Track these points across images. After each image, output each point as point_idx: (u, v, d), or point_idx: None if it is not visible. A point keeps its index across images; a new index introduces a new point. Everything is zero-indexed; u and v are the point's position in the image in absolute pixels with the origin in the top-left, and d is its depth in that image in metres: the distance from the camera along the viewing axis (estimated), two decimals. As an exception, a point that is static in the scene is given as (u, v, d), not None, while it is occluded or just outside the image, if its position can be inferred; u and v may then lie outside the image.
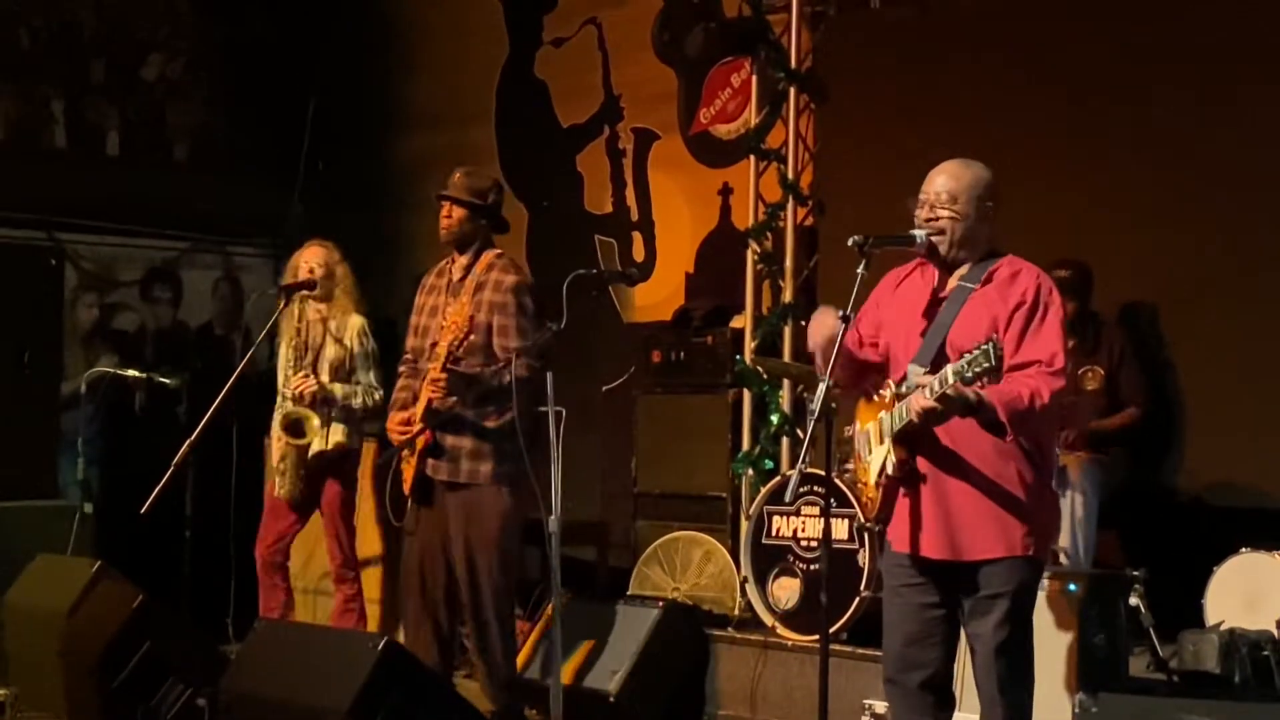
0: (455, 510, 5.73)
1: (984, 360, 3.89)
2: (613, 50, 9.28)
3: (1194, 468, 6.60)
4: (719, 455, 7.69)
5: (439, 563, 5.80)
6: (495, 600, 5.76)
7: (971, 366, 3.92)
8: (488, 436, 5.65)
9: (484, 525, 5.70)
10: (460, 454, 5.69)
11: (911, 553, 4.31)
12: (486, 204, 5.85)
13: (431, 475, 5.73)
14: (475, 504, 5.70)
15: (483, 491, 5.69)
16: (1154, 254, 6.68)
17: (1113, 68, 6.81)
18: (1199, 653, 5.48)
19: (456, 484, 5.70)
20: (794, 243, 7.72)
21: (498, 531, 5.70)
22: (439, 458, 5.71)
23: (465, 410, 5.66)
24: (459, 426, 5.68)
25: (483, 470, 5.68)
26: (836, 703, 5.84)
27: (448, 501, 5.75)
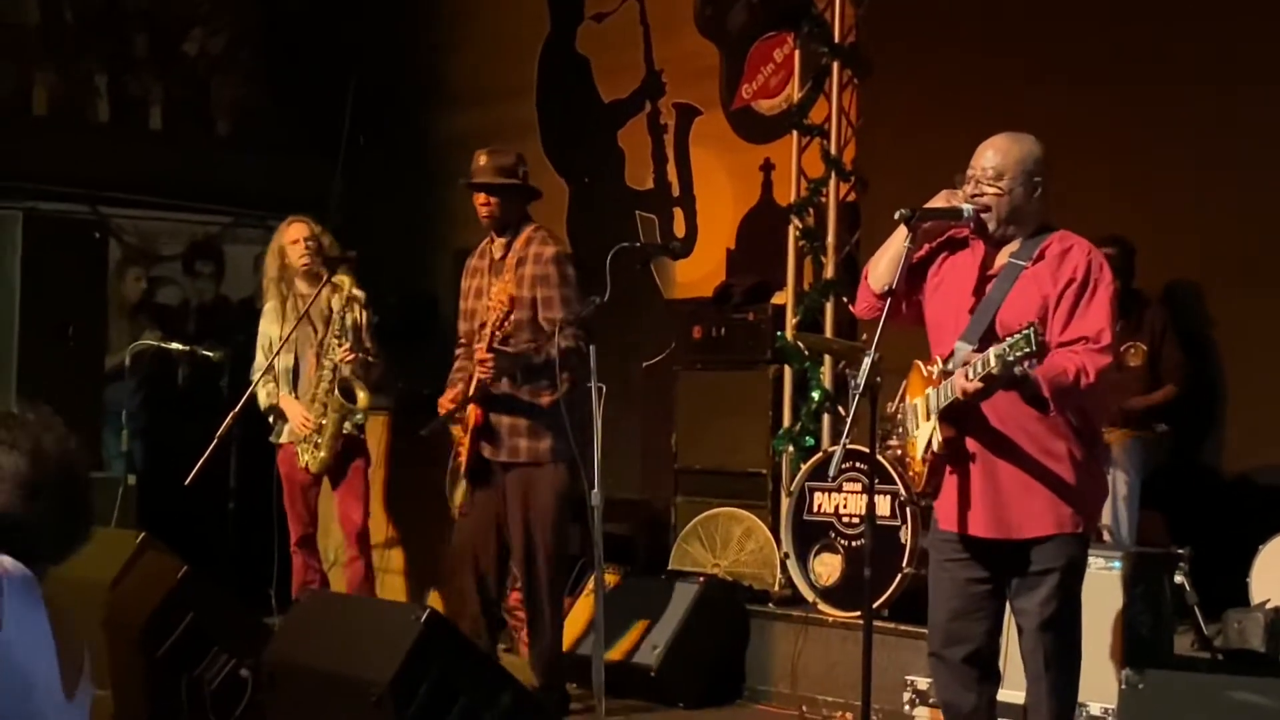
0: (514, 487, 5.75)
1: (1025, 345, 3.87)
2: (654, 25, 9.25)
3: (1239, 446, 6.56)
4: (759, 432, 7.67)
5: (492, 540, 5.83)
6: (549, 576, 5.78)
7: (1013, 350, 3.90)
8: (543, 413, 5.67)
9: (542, 502, 5.73)
10: (518, 432, 5.71)
11: (960, 532, 4.29)
12: (519, 182, 5.85)
13: (490, 458, 5.75)
14: (534, 481, 5.73)
15: (540, 469, 5.71)
16: (1197, 232, 6.64)
17: (1160, 42, 6.75)
18: (1244, 631, 5.45)
19: (516, 463, 5.72)
20: (836, 219, 7.68)
21: (555, 508, 5.74)
22: (494, 438, 5.73)
23: (518, 388, 5.67)
24: (513, 405, 5.70)
25: (541, 447, 5.71)
26: (878, 679, 5.79)
27: (506, 480, 5.77)
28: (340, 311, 6.65)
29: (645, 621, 6.57)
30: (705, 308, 8.09)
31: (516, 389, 5.68)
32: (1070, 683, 4.31)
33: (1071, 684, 4.31)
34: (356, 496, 6.79)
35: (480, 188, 5.83)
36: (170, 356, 8.05)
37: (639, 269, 7.39)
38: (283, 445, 6.78)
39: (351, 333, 6.64)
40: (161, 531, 6.10)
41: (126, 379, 7.78)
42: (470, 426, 5.73)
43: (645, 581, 6.90)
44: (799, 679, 6.49)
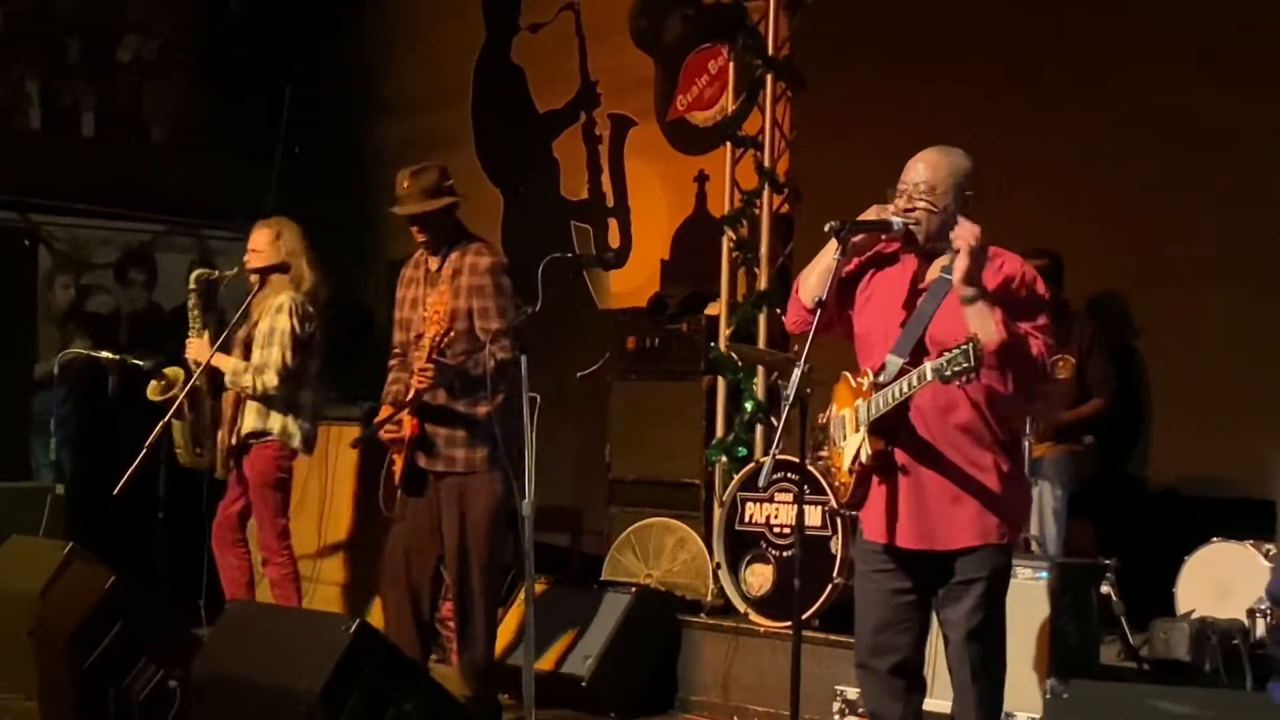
0: (450, 497, 5.74)
1: (963, 360, 3.89)
2: (590, 36, 9.27)
3: (1166, 457, 6.64)
4: (693, 442, 7.69)
5: (427, 550, 5.81)
6: (483, 586, 5.78)
7: (951, 365, 3.92)
8: (479, 423, 5.66)
9: (477, 511, 5.72)
10: (455, 442, 5.70)
11: (887, 543, 4.32)
12: (448, 202, 5.84)
13: (427, 468, 5.74)
14: (470, 490, 5.72)
15: (476, 478, 5.71)
16: (1123, 244, 6.72)
17: (1087, 58, 6.83)
18: (1170, 641, 5.51)
19: (452, 472, 5.71)
20: (769, 230, 7.72)
21: (490, 517, 5.73)
22: (431, 449, 5.72)
23: (455, 399, 5.67)
24: (450, 416, 5.70)
25: (478, 457, 5.70)
26: (810, 688, 5.87)
27: (441, 489, 5.76)
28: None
29: (574, 631, 6.57)
30: (639, 318, 8.11)
31: (453, 400, 5.67)
32: (996, 692, 4.34)
33: (997, 693, 4.34)
34: (256, 507, 6.73)
35: (411, 220, 5.83)
36: (100, 365, 7.98)
37: (571, 278, 7.39)
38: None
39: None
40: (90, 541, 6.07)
41: (55, 387, 7.72)
42: (407, 437, 5.72)
43: (577, 591, 6.90)
44: (730, 689, 6.52)
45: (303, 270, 6.70)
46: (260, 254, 6.72)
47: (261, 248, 6.72)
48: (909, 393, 4.13)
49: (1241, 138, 6.38)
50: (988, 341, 4.00)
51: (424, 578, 5.82)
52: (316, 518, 7.72)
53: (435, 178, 5.86)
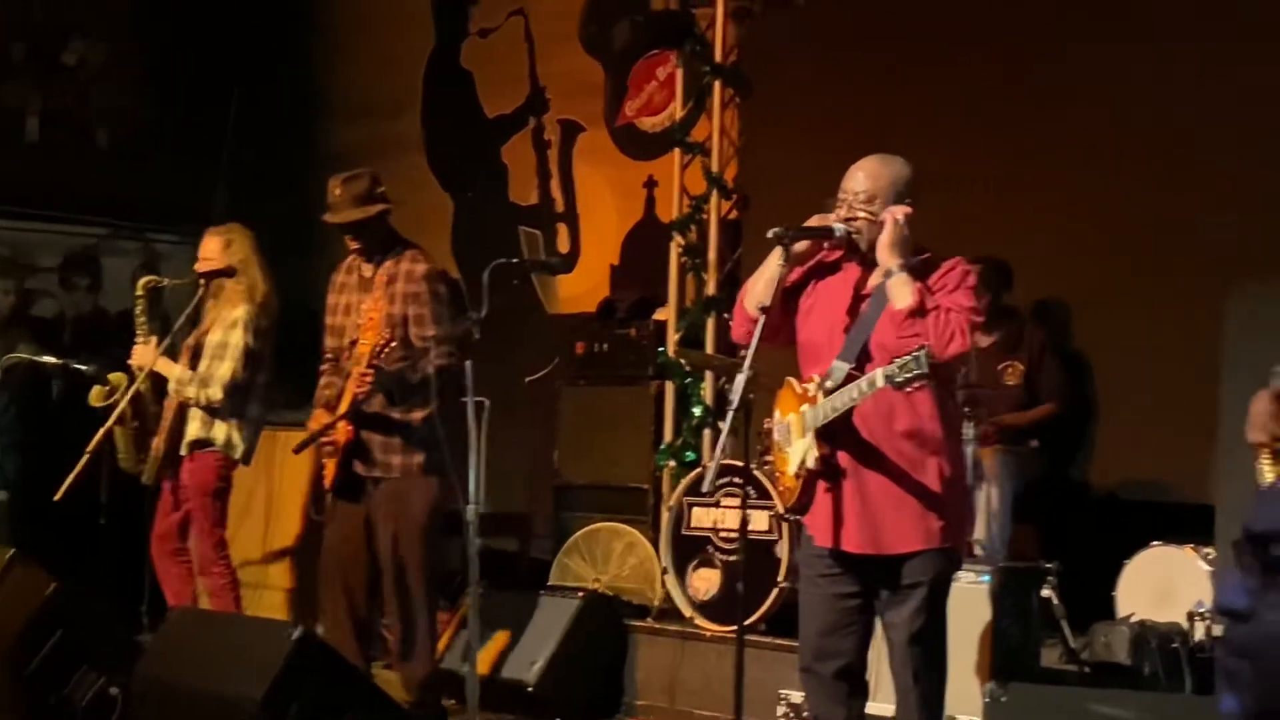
0: (383, 502, 5.72)
1: (914, 366, 3.93)
2: (539, 42, 9.28)
3: (1107, 462, 6.71)
4: (642, 447, 7.70)
5: (361, 554, 5.79)
6: (421, 591, 5.77)
7: (903, 371, 3.95)
8: (415, 429, 5.65)
9: (413, 516, 5.70)
10: (392, 449, 5.69)
11: (832, 547, 4.34)
12: (380, 209, 5.82)
13: (364, 474, 5.73)
14: (404, 495, 5.70)
15: (412, 483, 5.69)
16: (1068, 253, 6.77)
17: (1031, 68, 6.90)
18: (1110, 644, 5.54)
19: (388, 478, 5.70)
20: (718, 236, 7.74)
21: (426, 522, 5.72)
22: (367, 456, 5.70)
23: (391, 406, 5.66)
24: (385, 423, 5.68)
25: (414, 463, 5.68)
26: (754, 692, 5.86)
27: (375, 494, 5.74)
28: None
29: (521, 636, 6.56)
30: (588, 323, 8.12)
31: (389, 406, 5.66)
32: (938, 695, 4.36)
33: (939, 696, 4.37)
34: (195, 516, 6.68)
35: (344, 228, 5.81)
36: (44, 370, 7.91)
37: (517, 284, 7.40)
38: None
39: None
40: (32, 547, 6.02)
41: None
42: (342, 444, 5.70)
43: (524, 596, 6.89)
44: (677, 693, 6.52)
45: (255, 279, 6.65)
46: (211, 260, 6.68)
47: (212, 254, 6.68)
48: (859, 399, 4.16)
49: (1186, 147, 6.44)
50: (901, 306, 4.09)
51: (358, 583, 5.80)
52: (262, 523, 7.69)
53: (366, 185, 5.83)
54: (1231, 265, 6.13)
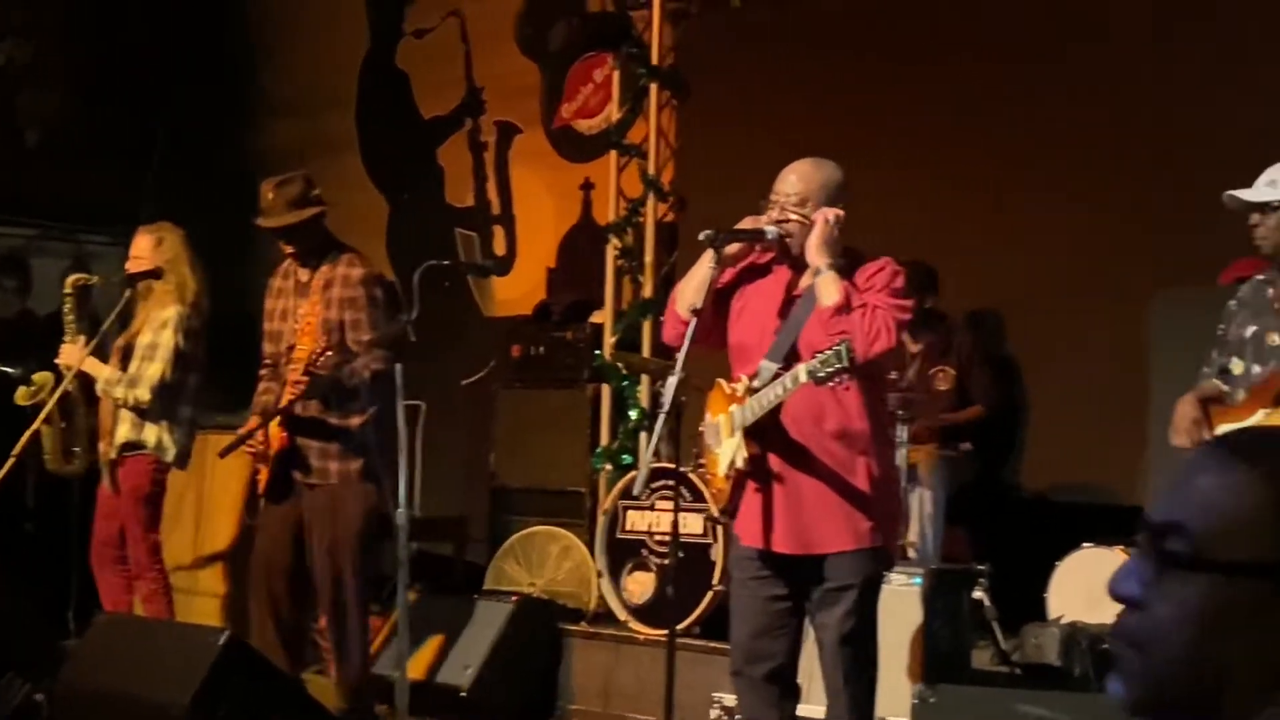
0: (318, 508, 5.68)
1: (836, 360, 3.94)
2: (475, 42, 9.25)
3: (1039, 465, 6.75)
4: (578, 450, 7.69)
5: (288, 560, 5.74)
6: (355, 597, 5.72)
7: (824, 366, 3.96)
8: (353, 434, 5.61)
9: (348, 523, 5.66)
10: (329, 455, 5.64)
11: (762, 548, 4.34)
12: (310, 212, 5.76)
13: (300, 481, 5.68)
14: (340, 501, 5.66)
15: (349, 489, 5.64)
16: (997, 260, 6.82)
17: (964, 75, 6.94)
18: (1041, 646, 5.57)
19: (323, 484, 5.66)
20: (654, 238, 7.74)
21: (361, 528, 5.67)
22: (304, 463, 5.65)
23: (328, 411, 5.62)
24: (322, 428, 5.64)
25: (352, 468, 5.64)
26: (688, 696, 5.88)
27: (309, 498, 5.70)
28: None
29: (455, 641, 6.53)
30: (525, 326, 8.10)
31: (325, 412, 5.62)
32: (868, 696, 4.38)
33: (869, 698, 4.38)
34: (128, 521, 6.61)
35: (277, 233, 5.76)
36: (-30, 373, 7.80)
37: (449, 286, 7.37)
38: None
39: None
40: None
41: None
42: (275, 450, 5.65)
43: (459, 601, 6.86)
44: (611, 697, 6.51)
45: (186, 279, 6.58)
46: (141, 260, 6.60)
47: (143, 254, 6.61)
48: (784, 396, 4.17)
49: (1113, 155, 6.50)
50: (828, 303, 4.11)
51: (286, 587, 5.75)
52: (192, 528, 7.61)
53: (300, 188, 5.76)
54: (1157, 272, 6.20)
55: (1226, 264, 5.68)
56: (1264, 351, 4.45)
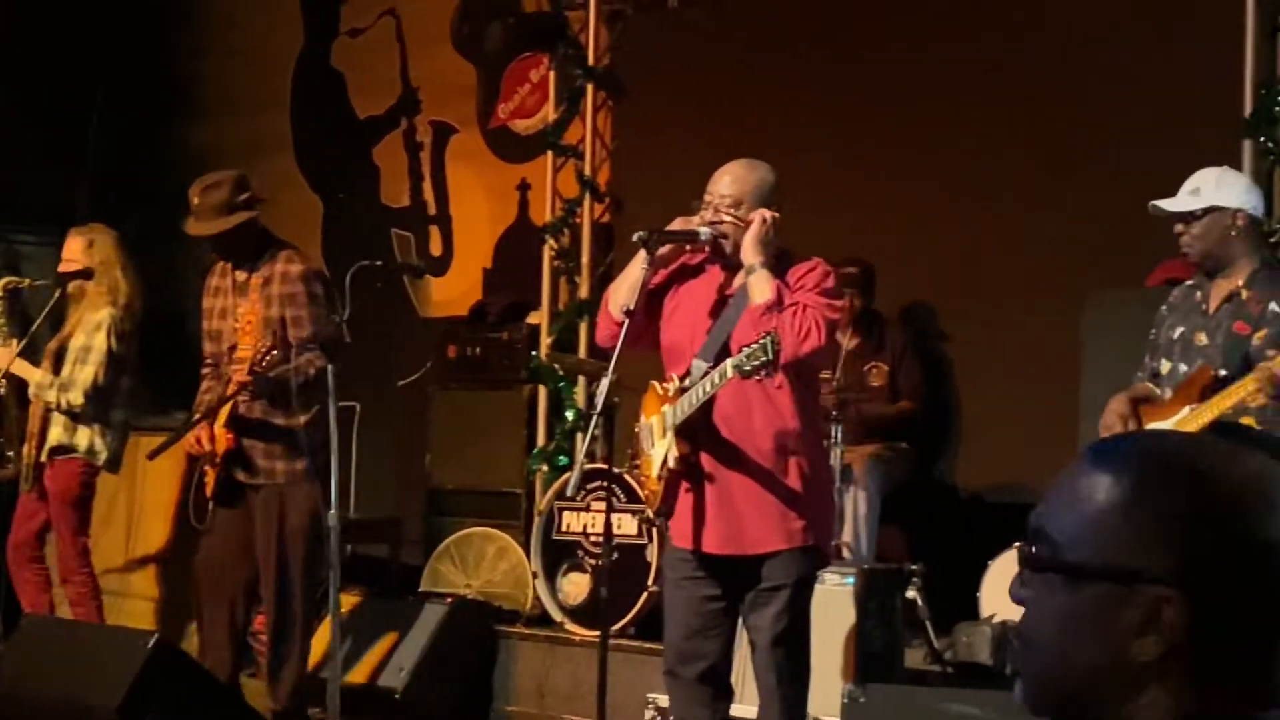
0: (267, 508, 5.64)
1: (762, 354, 3.96)
2: (411, 42, 9.21)
3: (973, 465, 6.80)
4: (514, 451, 7.68)
5: (240, 562, 5.70)
6: (300, 599, 5.69)
7: (750, 360, 3.98)
8: (298, 434, 5.57)
9: (296, 523, 5.63)
10: (274, 455, 5.61)
11: (694, 548, 4.35)
12: (240, 218, 5.69)
13: (246, 482, 5.64)
14: (289, 501, 5.62)
15: (295, 488, 5.61)
16: (931, 258, 6.86)
17: (899, 76, 6.98)
18: (972, 645, 5.61)
19: (270, 484, 5.62)
20: (590, 239, 7.75)
21: (307, 528, 5.63)
22: (249, 462, 5.61)
23: (272, 411, 5.58)
24: (268, 429, 5.60)
25: (297, 468, 5.60)
26: (623, 697, 5.88)
27: (256, 500, 5.65)
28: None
29: (390, 643, 6.50)
30: (460, 327, 8.08)
31: (270, 412, 5.57)
32: (801, 696, 4.39)
33: (802, 698, 4.40)
34: (57, 524, 6.54)
35: (205, 240, 5.71)
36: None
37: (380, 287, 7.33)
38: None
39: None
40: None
41: None
42: (222, 451, 5.60)
43: (393, 603, 6.83)
44: (546, 698, 6.50)
45: (118, 281, 6.52)
46: (73, 261, 6.55)
47: (74, 255, 6.56)
48: (712, 392, 4.19)
49: (1047, 155, 6.55)
50: (759, 301, 4.14)
51: (240, 590, 5.72)
52: (124, 531, 7.54)
53: (227, 193, 5.68)
54: (1088, 272, 6.26)
55: (1155, 265, 5.75)
56: (1191, 351, 4.51)
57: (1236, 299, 4.45)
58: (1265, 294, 4.41)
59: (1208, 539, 1.38)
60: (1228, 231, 4.44)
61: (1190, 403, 4.36)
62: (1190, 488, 1.41)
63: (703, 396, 4.22)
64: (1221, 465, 1.41)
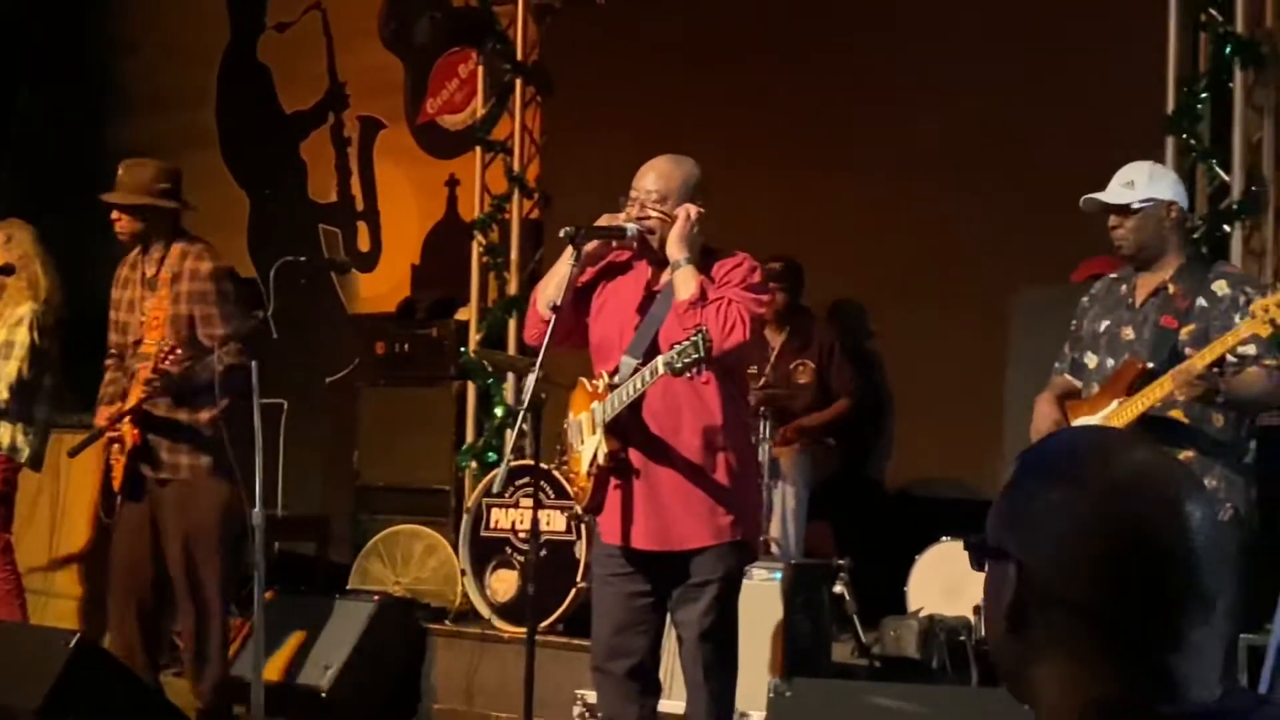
0: (172, 505, 5.59)
1: (693, 351, 3.96)
2: (338, 37, 9.15)
3: (900, 460, 6.84)
4: (443, 448, 7.66)
5: (148, 559, 5.65)
6: (213, 596, 5.64)
7: (681, 357, 3.98)
8: (203, 430, 5.52)
9: (202, 518, 5.57)
10: (179, 451, 5.55)
11: (622, 545, 4.35)
12: (154, 198, 5.67)
13: (150, 476, 5.58)
14: (193, 497, 5.57)
15: (201, 485, 5.55)
16: (861, 254, 6.90)
17: (829, 73, 7.01)
18: (900, 638, 5.64)
19: (176, 479, 5.56)
20: (519, 235, 7.74)
21: (218, 525, 5.58)
22: (154, 458, 5.56)
23: (177, 408, 5.53)
24: (172, 425, 5.54)
25: (202, 464, 5.55)
26: (552, 694, 5.87)
27: (163, 496, 5.60)
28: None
29: (316, 641, 6.45)
30: (389, 323, 8.05)
31: (175, 409, 5.52)
32: (728, 691, 4.39)
33: (729, 693, 4.40)
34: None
35: (113, 206, 5.66)
36: None
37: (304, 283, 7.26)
38: None
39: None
40: None
41: None
42: (127, 447, 5.55)
43: (320, 601, 6.78)
44: (474, 696, 6.48)
45: (38, 276, 6.45)
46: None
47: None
48: (642, 389, 4.19)
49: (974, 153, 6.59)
50: (684, 296, 4.15)
51: (146, 587, 5.66)
52: (47, 528, 7.44)
53: (152, 174, 5.69)
54: (1015, 269, 6.31)
55: (1080, 262, 5.80)
56: (1117, 346, 4.54)
57: (1164, 293, 4.49)
58: (1192, 289, 4.45)
59: (1065, 526, 1.43)
60: (1162, 225, 4.48)
61: (1118, 396, 4.40)
62: (1055, 477, 1.46)
63: (633, 394, 4.22)
64: (1100, 458, 1.46)
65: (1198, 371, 4.21)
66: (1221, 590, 1.41)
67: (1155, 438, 4.32)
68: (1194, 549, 1.40)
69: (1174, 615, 1.39)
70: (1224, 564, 1.42)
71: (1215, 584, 1.41)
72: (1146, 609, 1.39)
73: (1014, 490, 1.49)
